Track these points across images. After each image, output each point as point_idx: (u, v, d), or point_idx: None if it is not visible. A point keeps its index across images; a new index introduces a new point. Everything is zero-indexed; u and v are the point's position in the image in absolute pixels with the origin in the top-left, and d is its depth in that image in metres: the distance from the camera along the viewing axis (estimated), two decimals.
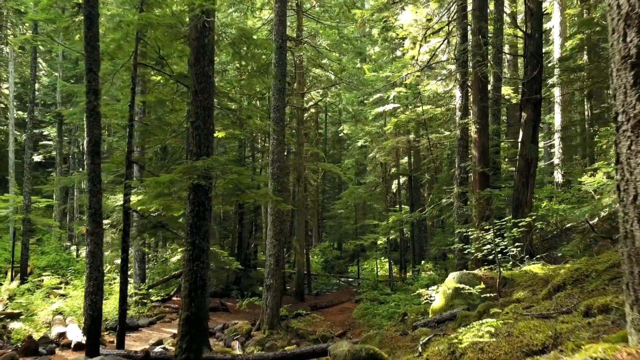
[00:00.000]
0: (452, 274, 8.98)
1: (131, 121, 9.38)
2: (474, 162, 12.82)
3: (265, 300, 14.47)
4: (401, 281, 22.41)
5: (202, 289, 6.90)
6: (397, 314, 16.09)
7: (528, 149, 12.39)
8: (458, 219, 13.10)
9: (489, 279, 8.54)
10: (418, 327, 7.88)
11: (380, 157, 25.36)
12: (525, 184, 12.39)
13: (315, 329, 16.08)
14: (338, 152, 43.68)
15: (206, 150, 7.04)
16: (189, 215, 6.98)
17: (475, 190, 12.76)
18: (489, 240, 8.74)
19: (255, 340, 13.15)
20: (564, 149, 23.35)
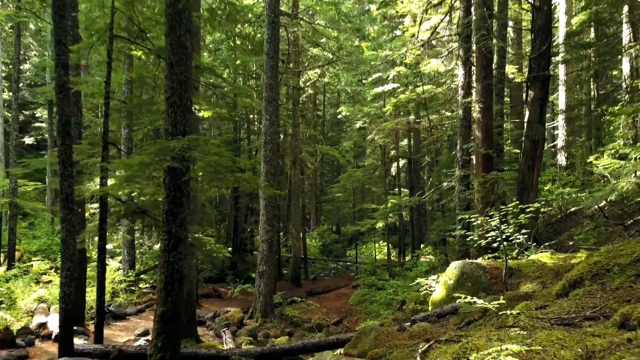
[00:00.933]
0: (454, 263, 8.36)
1: (107, 99, 8.66)
2: (476, 144, 12.12)
3: (258, 288, 13.90)
4: (400, 266, 21.88)
5: (179, 282, 6.27)
6: (395, 301, 15.54)
7: (534, 130, 11.68)
8: (459, 204, 12.46)
9: (494, 268, 7.91)
10: (417, 322, 7.27)
11: (380, 139, 24.65)
12: (531, 166, 11.71)
13: (310, 316, 15.57)
14: (337, 135, 42.90)
15: (183, 129, 6.34)
16: (164, 201, 6.32)
17: (478, 174, 12.09)
18: (494, 227, 8.10)
19: (246, 330, 12.61)
20: (568, 130, 22.64)
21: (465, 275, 7.93)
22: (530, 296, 6.13)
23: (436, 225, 16.81)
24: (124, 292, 15.00)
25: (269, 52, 13.78)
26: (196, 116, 10.75)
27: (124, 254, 16.57)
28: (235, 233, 27.42)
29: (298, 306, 15.77)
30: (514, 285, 7.33)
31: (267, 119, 13.85)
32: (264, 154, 13.93)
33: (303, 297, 18.61)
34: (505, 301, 6.17)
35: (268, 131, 13.89)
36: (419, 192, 22.81)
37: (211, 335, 12.51)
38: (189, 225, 10.77)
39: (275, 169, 14.04)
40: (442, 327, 6.73)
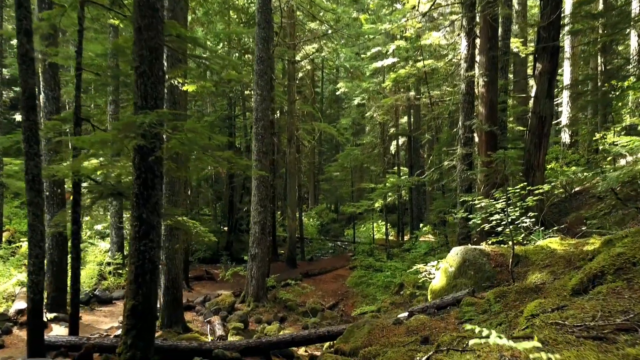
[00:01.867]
0: (455, 249, 7.75)
1: (79, 70, 7.92)
2: (480, 120, 11.41)
3: (250, 271, 13.35)
4: (398, 247, 21.36)
5: (151, 274, 5.65)
6: (392, 284, 15.05)
7: (542, 105, 10.97)
8: (461, 184, 11.81)
9: (498, 255, 7.30)
10: (414, 314, 6.69)
11: (378, 116, 23.89)
12: (538, 144, 11.04)
13: (305, 299, 15.06)
14: (335, 112, 42.01)
15: (154, 102, 5.64)
16: (134, 183, 5.65)
17: (481, 152, 11.41)
18: (498, 209, 7.47)
19: (237, 315, 12.08)
20: (573, 107, 21.87)
21: (467, 262, 7.33)
22: (541, 289, 5.52)
23: (436, 205, 16.19)
24: (111, 275, 14.46)
25: (260, 23, 12.95)
26: (180, 90, 10.00)
27: (112, 236, 15.98)
28: (230, 213, 26.85)
29: (292, 289, 15.25)
30: (521, 275, 6.73)
31: (258, 94, 13.09)
32: (255, 131, 13.22)
33: (298, 279, 18.10)
34: (513, 294, 5.57)
35: (260, 107, 13.15)
36: (418, 171, 22.15)
37: (200, 321, 11.99)
38: (174, 207, 10.15)
39: (267, 147, 13.35)
40: (442, 321, 6.15)
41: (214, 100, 26.92)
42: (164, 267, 10.26)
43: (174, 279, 10.22)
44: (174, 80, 9.65)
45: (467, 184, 11.76)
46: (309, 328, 12.39)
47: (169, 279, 10.18)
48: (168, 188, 10.10)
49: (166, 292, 10.18)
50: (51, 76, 10.87)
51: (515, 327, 4.18)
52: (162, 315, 10.31)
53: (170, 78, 9.73)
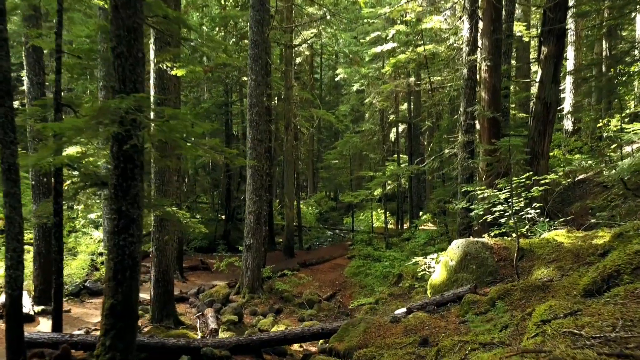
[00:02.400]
0: (456, 241, 7.38)
1: (58, 53, 7.48)
2: (482, 106, 10.98)
3: (245, 262, 13.01)
4: (397, 236, 21.04)
5: (131, 270, 5.29)
6: (391, 274, 14.72)
7: (547, 90, 10.55)
8: (462, 173, 11.41)
9: (502, 249, 6.93)
10: (413, 311, 6.34)
11: (378, 102, 23.40)
12: (542, 132, 10.63)
13: (302, 290, 14.75)
14: (335, 98, 41.47)
15: (133, 86, 5.22)
16: (112, 173, 5.26)
17: (483, 140, 10.99)
18: (502, 200, 7.10)
19: (231, 308, 11.77)
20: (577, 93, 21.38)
21: (469, 256, 6.97)
22: (548, 287, 5.15)
23: (436, 194, 15.81)
24: (103, 265, 14.09)
25: (254, 5, 12.45)
26: (169, 75, 9.54)
27: (104, 225, 15.59)
28: (227, 201, 26.52)
29: (289, 279, 14.92)
30: (526, 270, 6.37)
31: (252, 79, 12.63)
32: (249, 118, 12.78)
33: (295, 269, 17.79)
34: (518, 292, 5.21)
35: (254, 93, 12.70)
36: (418, 158, 21.72)
37: (193, 313, 11.67)
38: (163, 198, 9.76)
39: (262, 134, 12.92)
40: (442, 319, 5.80)
41: (210, 86, 26.41)
42: (154, 259, 9.91)
43: (164, 271, 9.87)
44: (162, 65, 9.20)
45: (468, 172, 11.37)
46: (304, 320, 12.10)
47: (159, 271, 9.83)
48: (158, 177, 9.71)
49: (156, 285, 9.84)
50: (35, 60, 10.42)
51: (523, 332, 3.81)
52: (152, 308, 9.99)
53: (158, 62, 9.29)
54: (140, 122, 4.85)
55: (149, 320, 9.95)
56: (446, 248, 14.79)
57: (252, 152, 12.73)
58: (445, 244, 14.88)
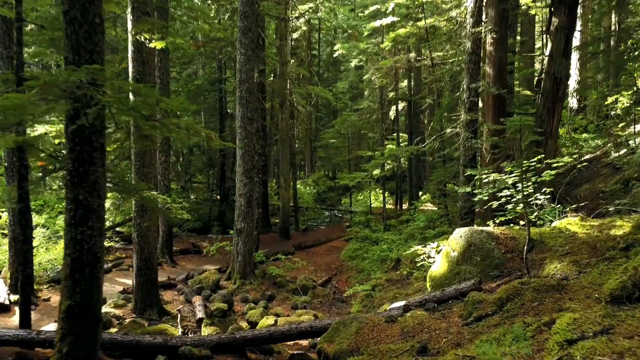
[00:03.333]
0: (459, 230, 6.75)
1: (19, 21, 6.74)
2: (487, 82, 10.24)
3: (236, 246, 12.43)
4: (396, 217, 20.45)
5: (91, 267, 4.66)
6: (389, 259, 14.16)
7: (558, 65, 9.79)
8: (464, 153, 10.73)
9: (509, 239, 6.30)
10: (411, 308, 5.74)
11: (377, 79, 22.52)
12: (552, 109, 9.91)
13: (296, 275, 14.21)
14: (333, 75, 40.49)
15: (89, 56, 4.51)
16: (67, 157, 4.60)
17: (488, 118, 10.29)
18: (509, 185, 6.45)
19: (221, 295, 11.20)
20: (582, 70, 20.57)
21: (473, 246, 6.34)
22: (564, 287, 4.54)
23: (436, 176, 15.14)
24: None
25: None
26: (149, 48, 8.78)
27: None
28: (222, 181, 25.84)
29: (283, 264, 14.38)
30: (536, 263, 5.74)
31: (242, 54, 11.84)
32: (239, 94, 12.04)
33: (290, 252, 17.25)
34: (529, 292, 4.59)
35: (244, 68, 11.93)
36: (418, 137, 21.02)
37: (181, 301, 11.13)
38: (142, 182, 9.11)
39: (253, 112, 12.19)
40: (443, 319, 5.20)
41: (204, 62, 25.48)
42: (135, 246, 9.30)
43: (147, 258, 9.28)
44: (139, 36, 8.45)
45: (471, 153, 10.69)
46: (297, 308, 11.57)
47: (142, 258, 9.24)
48: (138, 159, 9.04)
49: (138, 273, 9.26)
50: (5, 32, 9.65)
51: (541, 349, 3.20)
52: (134, 298, 9.43)
53: (136, 33, 8.53)
54: (94, 98, 4.15)
55: (132, 310, 9.40)
56: (447, 231, 14.24)
57: (242, 132, 12.03)
58: (445, 227, 14.30)
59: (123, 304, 9.63)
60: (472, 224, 10.96)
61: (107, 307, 9.57)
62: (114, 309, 9.41)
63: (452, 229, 14.37)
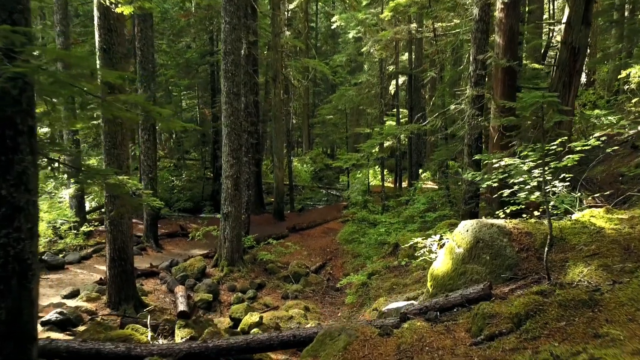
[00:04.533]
0: (465, 223, 5.89)
1: None
2: (496, 53, 9.25)
3: (223, 231, 11.62)
4: (395, 197, 19.63)
5: (20, 277, 3.83)
6: (387, 244, 13.35)
7: (576, 34, 8.80)
8: (470, 132, 9.79)
9: (524, 235, 5.45)
10: (409, 317, 4.93)
11: (376, 51, 21.37)
12: (568, 83, 8.96)
13: (289, 260, 13.45)
14: (331, 48, 39.19)
15: (8, 16, 3.59)
16: None
17: (496, 93, 9.35)
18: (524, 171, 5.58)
19: (206, 285, 10.45)
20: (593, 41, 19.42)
21: (481, 243, 5.49)
22: (598, 303, 3.69)
23: (438, 155, 14.24)
24: (67, 234, 12.74)
25: None
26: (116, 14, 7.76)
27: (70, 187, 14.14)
28: (215, 159, 24.91)
29: (275, 248, 13.60)
30: (557, 265, 4.90)
31: (227, 22, 10.80)
32: (224, 67, 11.06)
33: (284, 234, 16.48)
34: (554, 308, 3.75)
35: (229, 38, 10.91)
36: (419, 113, 20.04)
37: (163, 291, 10.37)
38: (116, 164, 8.22)
39: (239, 86, 11.20)
40: (447, 334, 4.39)
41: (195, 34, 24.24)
42: (108, 235, 8.47)
43: (121, 248, 8.46)
44: (105, 0, 7.44)
45: (476, 132, 9.75)
46: (288, 298, 10.83)
47: (115, 248, 8.42)
48: (108, 140, 8.13)
49: (112, 265, 8.45)
50: None
51: None
52: (108, 291, 8.65)
53: None
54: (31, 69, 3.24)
55: (106, 304, 8.64)
56: (448, 215, 13.40)
57: (228, 108, 11.09)
58: (447, 210, 13.46)
59: (97, 297, 8.86)
60: (476, 209, 10.12)
61: (79, 300, 8.79)
62: (86, 303, 8.63)
63: (453, 211, 13.58)
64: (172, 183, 24.35)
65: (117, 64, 8.04)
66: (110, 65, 7.88)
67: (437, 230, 11.10)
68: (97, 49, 7.90)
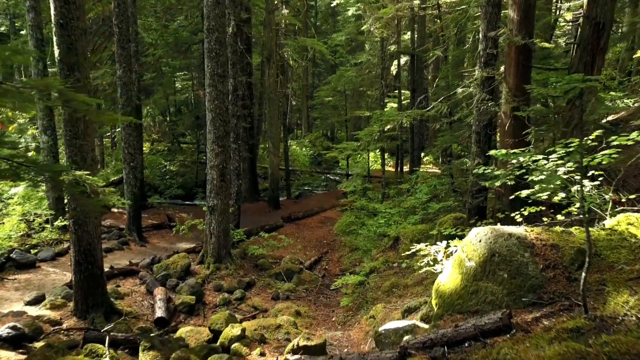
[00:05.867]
0: (477, 231, 4.94)
1: None
2: (510, 30, 8.19)
3: (209, 226, 10.72)
4: (396, 183, 18.69)
5: None
6: (387, 236, 12.45)
7: (601, 7, 7.74)
8: (478, 118, 8.78)
9: (548, 248, 4.51)
10: (409, 354, 4.02)
11: (377, 30, 20.19)
12: (590, 63, 7.94)
13: (282, 254, 12.61)
14: (331, 27, 37.81)
15: None
16: None
17: (509, 75, 8.32)
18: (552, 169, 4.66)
19: (188, 285, 9.59)
20: None
21: (497, 257, 4.57)
22: None
23: (441, 141, 13.23)
24: (42, 228, 11.84)
25: None
26: None
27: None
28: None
29: (267, 242, 12.73)
30: (592, 289, 3.97)
31: None
32: (207, 46, 10.02)
33: (279, 225, 15.61)
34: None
35: (212, 13, 9.85)
36: (422, 95, 18.95)
37: (141, 292, 9.50)
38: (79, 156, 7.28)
39: (224, 67, 10.16)
40: None
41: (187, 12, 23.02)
42: (72, 236, 7.56)
43: (87, 250, 7.56)
44: None
45: (486, 118, 8.75)
46: (279, 298, 9.99)
47: (80, 250, 7.52)
48: (68, 129, 7.16)
49: (77, 268, 7.56)
50: None
51: None
52: (74, 297, 7.77)
53: None
54: None
55: (72, 312, 7.77)
56: (452, 207, 12.46)
57: (212, 91, 10.08)
58: (451, 201, 12.51)
59: (62, 304, 7.98)
60: (484, 203, 9.17)
61: (42, 308, 7.91)
62: (49, 311, 7.76)
63: (458, 202, 12.63)
64: (165, 168, 23.42)
65: (77, 42, 7.04)
66: (69, 42, 6.88)
67: (441, 227, 10.21)
68: (53, 24, 6.88)
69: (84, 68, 7.26)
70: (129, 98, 12.23)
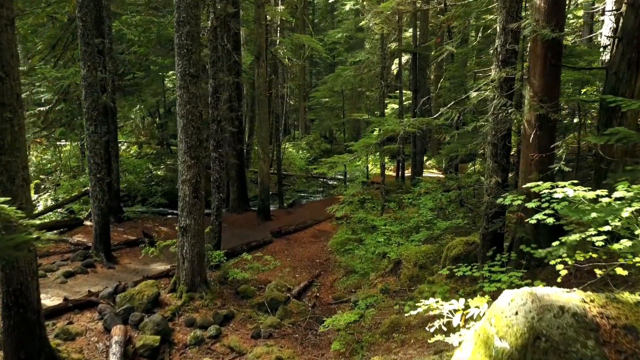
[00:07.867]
0: (511, 296, 3.50)
1: None
2: (536, 21, 6.74)
3: (181, 250, 9.31)
4: (397, 191, 17.30)
5: None
6: (387, 258, 11.02)
7: None
8: (495, 128, 7.35)
9: (620, 331, 3.08)
10: None
11: (376, 26, 18.77)
12: (635, 62, 6.50)
13: (268, 278, 11.19)
14: (330, 25, 36.40)
15: None
16: None
17: (534, 75, 6.88)
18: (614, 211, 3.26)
19: (153, 322, 8.17)
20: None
21: (544, 341, 3.13)
22: None
23: (447, 150, 11.81)
24: None
25: None
26: None
27: None
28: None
29: (250, 264, 11.31)
30: None
31: None
32: (177, 42, 8.59)
33: (268, 240, 14.21)
34: None
35: (182, 4, 8.42)
36: (425, 97, 17.56)
37: (97, 331, 8.08)
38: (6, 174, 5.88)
39: (196, 66, 8.73)
40: None
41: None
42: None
43: (17, 291, 6.15)
44: None
45: (505, 127, 7.33)
46: (260, 336, 8.56)
47: (9, 291, 6.11)
48: None
49: (6, 314, 6.15)
50: None
51: None
52: (4, 348, 6.36)
53: None
54: None
55: None
56: (463, 227, 11.03)
57: (184, 94, 8.66)
58: (459, 219, 11.10)
59: None
60: (503, 230, 7.74)
61: None
62: None
63: (468, 220, 11.22)
64: (151, 174, 22.01)
65: (2, 33, 5.65)
66: None
67: (449, 251, 8.80)
68: None
69: (11, 67, 5.86)
70: (95, 100, 10.79)
